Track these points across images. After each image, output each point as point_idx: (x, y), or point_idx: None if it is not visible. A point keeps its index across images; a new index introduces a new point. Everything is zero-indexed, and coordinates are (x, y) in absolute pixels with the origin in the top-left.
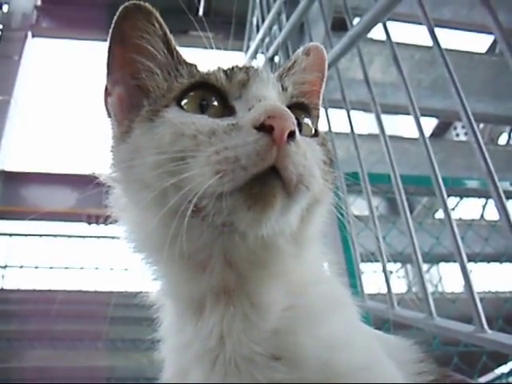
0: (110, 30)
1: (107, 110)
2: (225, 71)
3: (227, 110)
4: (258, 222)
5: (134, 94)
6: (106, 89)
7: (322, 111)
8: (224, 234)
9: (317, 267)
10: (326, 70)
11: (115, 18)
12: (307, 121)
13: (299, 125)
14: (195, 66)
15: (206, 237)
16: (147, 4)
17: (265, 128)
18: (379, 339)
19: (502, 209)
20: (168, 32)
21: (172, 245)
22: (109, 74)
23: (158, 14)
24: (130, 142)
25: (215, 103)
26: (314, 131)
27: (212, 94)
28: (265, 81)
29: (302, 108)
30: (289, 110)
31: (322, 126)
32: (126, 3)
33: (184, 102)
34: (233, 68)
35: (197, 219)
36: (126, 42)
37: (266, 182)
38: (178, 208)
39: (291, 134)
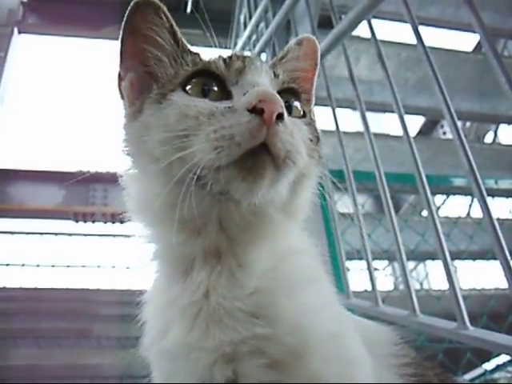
0: (123, 23)
1: (120, 92)
2: (224, 60)
3: (225, 94)
4: (251, 191)
5: (143, 79)
6: (119, 74)
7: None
8: (221, 201)
9: (303, 238)
10: (318, 59)
11: (127, 11)
12: (296, 104)
13: (289, 107)
14: (198, 54)
15: (204, 204)
16: None
17: (256, 110)
18: (354, 320)
19: (485, 207)
20: (174, 24)
21: (174, 210)
22: (121, 61)
23: (165, 8)
24: (140, 120)
25: (215, 88)
26: (302, 112)
27: (213, 80)
28: (258, 68)
29: (292, 92)
30: (278, 95)
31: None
32: None
33: (188, 87)
34: (231, 57)
35: (197, 188)
36: (137, 34)
37: (258, 157)
38: (183, 178)
39: (279, 116)
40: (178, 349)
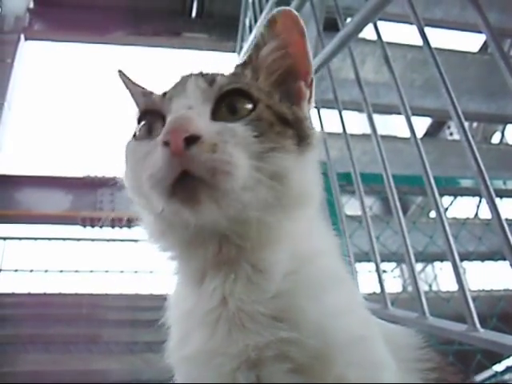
0: None
1: None
2: (164, 92)
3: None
4: (199, 214)
5: None
6: None
7: (314, 110)
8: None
9: (326, 238)
10: (302, 27)
11: None
12: (241, 104)
13: (234, 108)
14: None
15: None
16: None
17: (166, 143)
18: (378, 323)
19: (493, 208)
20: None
21: (165, 237)
22: None
23: (126, 74)
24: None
25: (158, 124)
26: (252, 106)
27: (155, 117)
28: (187, 89)
29: (235, 93)
30: (189, 117)
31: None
32: None
33: (138, 132)
34: (178, 82)
35: None
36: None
37: (185, 184)
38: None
39: (191, 140)
40: (200, 355)
